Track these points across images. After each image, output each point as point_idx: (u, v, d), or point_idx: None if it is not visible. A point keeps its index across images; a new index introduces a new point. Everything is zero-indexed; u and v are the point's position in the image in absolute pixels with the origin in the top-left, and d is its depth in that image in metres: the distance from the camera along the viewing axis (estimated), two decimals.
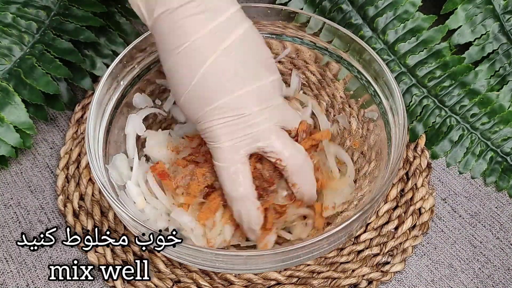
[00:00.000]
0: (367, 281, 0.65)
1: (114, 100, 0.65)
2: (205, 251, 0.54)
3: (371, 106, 0.67)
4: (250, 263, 0.56)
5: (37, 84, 0.73)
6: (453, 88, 0.75)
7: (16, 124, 0.72)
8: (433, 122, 0.75)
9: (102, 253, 0.66)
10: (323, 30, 0.67)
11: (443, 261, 0.67)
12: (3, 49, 0.74)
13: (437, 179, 0.73)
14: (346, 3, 0.79)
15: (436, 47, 0.76)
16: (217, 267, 0.57)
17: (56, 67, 0.74)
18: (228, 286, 0.65)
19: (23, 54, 0.74)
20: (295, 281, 0.65)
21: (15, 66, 0.73)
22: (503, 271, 0.66)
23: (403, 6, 0.77)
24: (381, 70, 0.63)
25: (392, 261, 0.66)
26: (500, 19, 0.76)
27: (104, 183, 0.58)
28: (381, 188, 0.57)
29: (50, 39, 0.76)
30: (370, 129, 0.68)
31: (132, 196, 0.64)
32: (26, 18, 0.76)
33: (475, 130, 0.74)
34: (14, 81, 0.73)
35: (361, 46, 0.65)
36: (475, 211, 0.71)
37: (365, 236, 0.68)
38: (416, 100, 0.75)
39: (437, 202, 0.71)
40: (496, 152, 0.73)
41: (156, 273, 0.65)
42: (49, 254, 0.67)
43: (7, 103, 0.71)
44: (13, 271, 0.66)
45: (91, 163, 0.58)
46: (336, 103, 0.72)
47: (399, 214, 0.69)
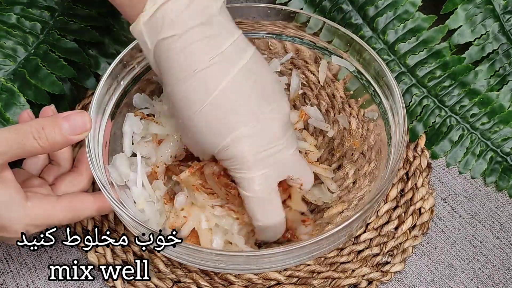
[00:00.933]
0: (367, 281, 0.65)
1: (114, 100, 0.65)
2: (205, 251, 0.54)
3: (371, 106, 0.66)
4: (250, 263, 0.55)
5: (42, 84, 0.72)
6: (453, 88, 0.74)
7: None
8: (433, 122, 0.74)
9: (102, 253, 0.66)
10: (323, 30, 0.67)
11: (443, 261, 0.67)
12: (7, 50, 0.74)
13: (437, 179, 0.72)
14: (346, 3, 0.78)
15: (436, 47, 0.75)
16: (217, 267, 0.57)
17: (61, 67, 0.74)
18: (228, 286, 0.64)
19: (27, 54, 0.74)
20: (295, 281, 0.65)
21: (19, 67, 0.73)
22: (503, 271, 0.66)
23: (403, 6, 0.76)
24: (381, 70, 0.63)
25: (392, 261, 0.66)
26: (500, 19, 0.76)
27: (104, 183, 0.57)
28: (381, 188, 0.57)
29: (55, 39, 0.75)
30: (370, 129, 0.67)
31: (135, 196, 0.64)
32: (30, 18, 0.76)
33: (475, 130, 0.73)
34: (19, 81, 0.72)
35: (361, 46, 0.64)
36: (475, 211, 0.70)
37: (365, 236, 0.67)
38: (416, 100, 0.75)
39: (437, 202, 0.71)
40: (496, 152, 0.72)
41: (156, 273, 0.65)
42: (49, 254, 0.67)
43: (12, 103, 0.71)
44: (13, 271, 0.66)
45: (91, 163, 0.58)
46: (336, 103, 0.72)
47: (399, 214, 0.69)
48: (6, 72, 0.73)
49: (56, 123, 0.54)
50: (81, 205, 0.58)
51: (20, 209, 0.55)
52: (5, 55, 0.73)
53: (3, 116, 0.70)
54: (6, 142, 0.53)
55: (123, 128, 0.67)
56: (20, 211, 0.55)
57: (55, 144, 0.54)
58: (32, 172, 0.63)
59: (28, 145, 0.53)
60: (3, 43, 0.74)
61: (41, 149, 0.54)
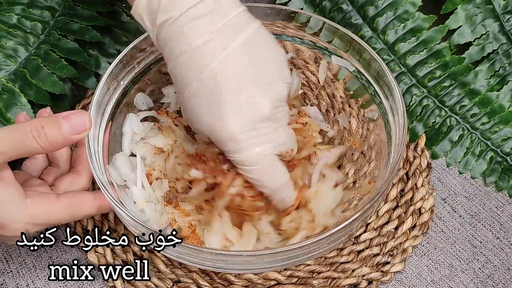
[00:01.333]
0: (367, 281, 0.64)
1: (114, 100, 0.64)
2: (205, 251, 0.54)
3: (371, 106, 0.66)
4: (250, 263, 0.55)
5: (43, 84, 0.72)
6: (453, 88, 0.74)
7: None
8: (433, 122, 0.74)
9: (102, 253, 0.66)
10: (323, 30, 0.67)
11: (443, 261, 0.66)
12: (8, 50, 0.73)
13: (437, 179, 0.72)
14: (346, 3, 0.78)
15: (436, 47, 0.75)
16: (217, 267, 0.56)
17: (62, 67, 0.73)
18: (228, 286, 0.64)
19: (28, 55, 0.74)
20: (295, 281, 0.64)
21: (20, 67, 0.73)
22: (503, 271, 0.66)
23: (403, 6, 0.76)
24: (381, 70, 0.62)
25: (392, 261, 0.66)
26: (500, 19, 0.75)
27: (104, 183, 0.57)
28: (381, 188, 0.56)
29: (56, 39, 0.75)
30: (370, 129, 0.67)
31: (135, 196, 0.63)
32: (31, 19, 0.76)
33: (475, 130, 0.73)
34: (20, 82, 0.72)
35: (361, 46, 0.64)
36: (475, 211, 0.70)
37: (365, 236, 0.67)
38: (416, 100, 0.74)
39: (437, 202, 0.70)
40: (496, 152, 0.72)
41: (156, 273, 0.65)
42: (49, 254, 0.67)
43: (13, 104, 0.71)
44: (13, 271, 0.66)
45: (91, 163, 0.58)
46: (336, 103, 0.71)
47: (399, 214, 0.68)
48: (7, 72, 0.72)
49: (56, 122, 0.53)
50: (81, 203, 0.58)
51: (20, 207, 0.55)
52: (6, 55, 0.73)
53: (4, 116, 0.70)
54: (5, 141, 0.53)
55: (123, 128, 0.66)
56: (19, 209, 0.55)
57: (55, 143, 0.54)
58: (32, 174, 0.63)
59: (28, 144, 0.53)
60: (4, 43, 0.73)
61: (40, 149, 0.53)
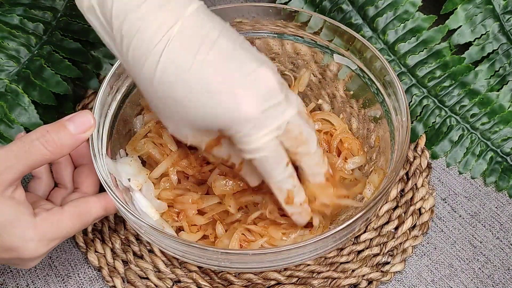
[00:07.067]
0: (367, 281, 0.63)
1: (117, 99, 0.62)
2: (208, 250, 0.52)
3: (373, 105, 0.64)
4: (251, 262, 0.54)
5: (47, 85, 0.70)
6: (453, 88, 0.73)
7: (27, 125, 0.69)
8: (433, 122, 0.72)
9: (102, 253, 0.64)
10: (323, 29, 0.65)
11: (443, 261, 0.65)
12: (11, 51, 0.71)
13: (437, 179, 0.70)
14: (346, 3, 0.77)
15: (436, 47, 0.74)
16: (218, 266, 0.54)
17: (66, 67, 0.71)
18: (228, 286, 0.62)
19: (31, 55, 0.72)
20: (295, 281, 0.63)
21: (23, 67, 0.71)
22: (503, 271, 0.64)
23: (403, 6, 0.75)
24: (383, 68, 0.61)
25: (392, 261, 0.64)
26: (500, 19, 0.74)
27: (109, 183, 0.55)
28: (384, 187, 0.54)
29: (58, 40, 0.73)
30: (371, 128, 0.65)
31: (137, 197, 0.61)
32: (33, 19, 0.74)
33: (475, 130, 0.71)
34: (23, 82, 0.70)
35: (363, 44, 0.62)
36: (475, 211, 0.68)
37: (365, 236, 0.65)
38: (416, 100, 0.73)
39: (437, 202, 0.69)
40: (496, 152, 0.70)
41: (156, 273, 0.63)
42: (49, 254, 0.65)
43: (17, 104, 0.69)
44: (13, 271, 0.64)
45: (95, 162, 0.56)
46: (336, 103, 0.69)
47: (399, 214, 0.67)
48: (10, 73, 0.70)
49: (61, 125, 0.51)
50: (87, 207, 0.55)
51: (30, 227, 0.51)
52: (9, 56, 0.71)
53: (8, 117, 0.68)
54: (11, 153, 0.50)
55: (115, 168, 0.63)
56: (30, 229, 0.51)
57: (63, 145, 0.51)
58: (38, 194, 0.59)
59: (35, 153, 0.50)
60: (6, 44, 0.71)
61: (49, 154, 0.51)
